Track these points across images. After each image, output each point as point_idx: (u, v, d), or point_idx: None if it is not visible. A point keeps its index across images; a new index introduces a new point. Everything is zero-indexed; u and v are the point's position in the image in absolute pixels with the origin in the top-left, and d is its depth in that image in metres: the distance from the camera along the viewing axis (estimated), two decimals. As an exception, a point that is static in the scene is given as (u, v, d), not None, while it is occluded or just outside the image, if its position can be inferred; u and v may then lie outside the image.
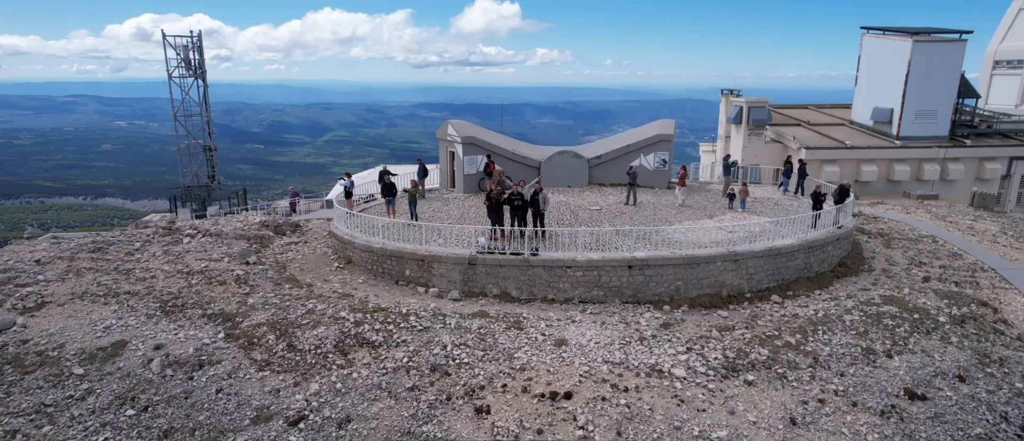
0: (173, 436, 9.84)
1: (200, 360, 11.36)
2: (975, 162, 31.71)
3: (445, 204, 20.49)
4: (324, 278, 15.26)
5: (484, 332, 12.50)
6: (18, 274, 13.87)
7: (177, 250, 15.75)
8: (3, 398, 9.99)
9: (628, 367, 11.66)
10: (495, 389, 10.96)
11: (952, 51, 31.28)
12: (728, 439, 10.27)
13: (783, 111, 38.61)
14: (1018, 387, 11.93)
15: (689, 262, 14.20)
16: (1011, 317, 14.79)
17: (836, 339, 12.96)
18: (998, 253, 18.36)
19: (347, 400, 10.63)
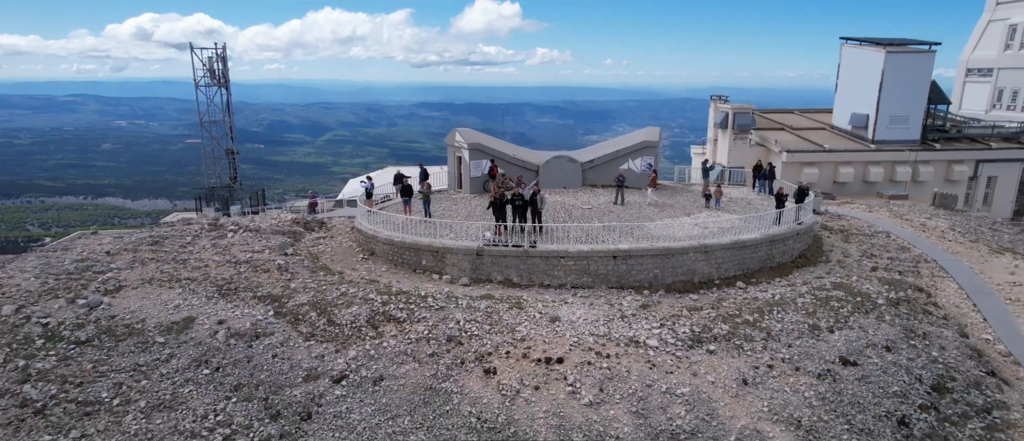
0: (241, 390, 12.24)
1: (256, 332, 13.75)
2: (944, 165, 34.13)
3: (453, 203, 22.88)
4: (352, 267, 17.67)
5: (490, 311, 14.90)
6: (94, 263, 16.28)
7: (223, 243, 18.14)
8: (106, 359, 12.39)
9: (610, 339, 14.05)
10: (500, 355, 13.36)
11: (922, 61, 33.70)
12: (690, 395, 12.68)
13: (768, 116, 41.04)
14: (933, 355, 14.32)
15: (665, 253, 16.60)
16: (941, 300, 17.20)
17: (788, 318, 15.35)
18: (943, 247, 20.77)
19: (379, 363, 13.02)
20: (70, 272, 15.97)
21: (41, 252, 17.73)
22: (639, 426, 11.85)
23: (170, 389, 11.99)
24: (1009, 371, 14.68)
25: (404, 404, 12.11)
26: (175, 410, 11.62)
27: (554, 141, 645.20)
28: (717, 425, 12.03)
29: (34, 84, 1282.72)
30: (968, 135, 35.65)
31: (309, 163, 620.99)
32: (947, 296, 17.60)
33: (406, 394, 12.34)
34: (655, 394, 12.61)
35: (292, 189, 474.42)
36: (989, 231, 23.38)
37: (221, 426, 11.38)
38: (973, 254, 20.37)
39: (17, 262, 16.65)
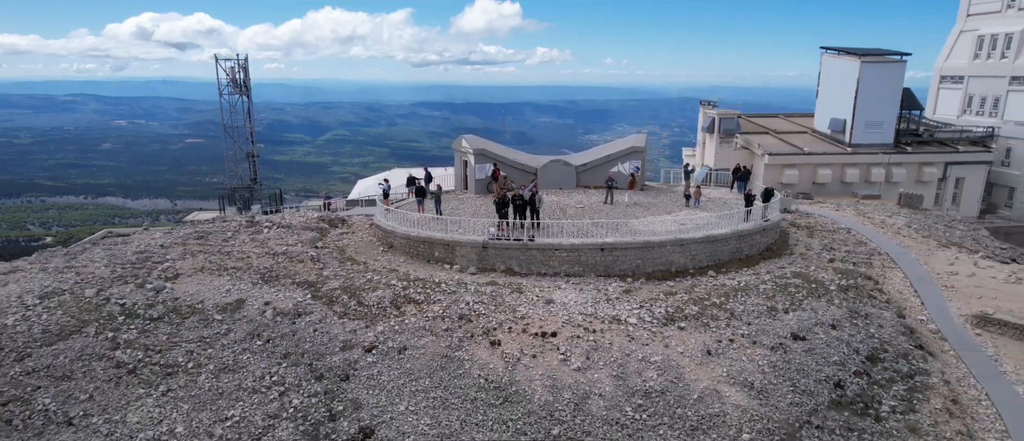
0: (290, 357, 14.82)
1: (297, 311, 16.33)
2: (915, 167, 36.68)
3: (461, 203, 25.45)
4: (374, 258, 20.25)
5: (495, 294, 17.48)
6: (152, 254, 18.86)
7: (260, 238, 20.70)
8: (177, 332, 14.98)
9: (597, 317, 16.64)
10: (503, 330, 15.94)
11: (894, 70, 36.26)
12: (662, 362, 15.27)
13: (754, 120, 43.61)
14: (871, 332, 16.90)
15: (646, 246, 19.17)
16: (887, 287, 19.78)
17: (750, 301, 17.93)
18: (897, 242, 23.36)
19: (403, 336, 15.61)
20: (133, 262, 18.55)
21: (105, 244, 20.28)
22: (618, 386, 14.43)
23: (232, 356, 14.56)
24: (936, 346, 17.27)
25: (424, 369, 14.68)
26: (238, 372, 14.20)
27: (554, 140, 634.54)
28: (683, 386, 14.61)
29: (34, 83, 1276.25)
30: (938, 139, 38.23)
31: (309, 162, 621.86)
32: (893, 284, 20.18)
33: (426, 361, 14.91)
34: (632, 361, 15.19)
35: (292, 189, 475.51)
36: (943, 228, 25.97)
37: (276, 385, 13.97)
38: (922, 248, 22.96)
39: (86, 254, 19.22)
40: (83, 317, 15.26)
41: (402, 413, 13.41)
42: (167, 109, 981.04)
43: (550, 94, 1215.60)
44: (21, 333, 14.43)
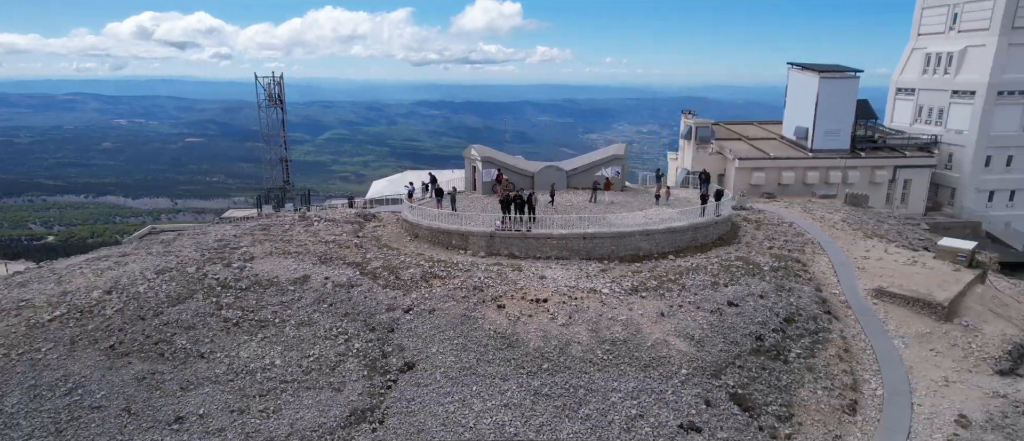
0: (348, 316, 19.96)
1: (350, 284, 21.47)
2: (868, 170, 41.80)
3: (471, 201, 30.59)
4: (404, 246, 25.41)
5: (500, 272, 22.62)
6: (229, 242, 24.01)
7: (312, 229, 25.85)
8: (262, 298, 20.12)
9: (578, 289, 21.78)
10: (507, 298, 21.07)
11: (849, 85, 41.40)
12: (626, 321, 20.39)
13: (729, 127, 48.75)
14: (791, 301, 22.03)
15: (619, 236, 24.31)
16: (812, 269, 24.93)
17: (698, 278, 23.06)
18: (829, 234, 28.51)
19: (432, 301, 20.75)
20: (214, 247, 23.70)
21: (190, 233, 25.42)
22: (592, 336, 19.57)
23: (306, 314, 19.71)
24: (841, 312, 22.42)
25: (449, 324, 19.83)
26: (312, 326, 19.35)
27: (554, 139, 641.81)
28: (640, 337, 19.75)
29: (33, 82, 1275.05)
30: (889, 145, 43.36)
31: (309, 161, 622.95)
32: (818, 266, 25.33)
33: (450, 319, 20.05)
34: (603, 320, 20.33)
35: (293, 187, 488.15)
36: (874, 223, 31.13)
37: (341, 334, 19.12)
38: (849, 238, 28.12)
39: (177, 241, 24.38)
40: (191, 287, 20.41)
41: (434, 353, 18.55)
42: (167, 108, 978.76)
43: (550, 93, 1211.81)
44: (152, 297, 19.58)
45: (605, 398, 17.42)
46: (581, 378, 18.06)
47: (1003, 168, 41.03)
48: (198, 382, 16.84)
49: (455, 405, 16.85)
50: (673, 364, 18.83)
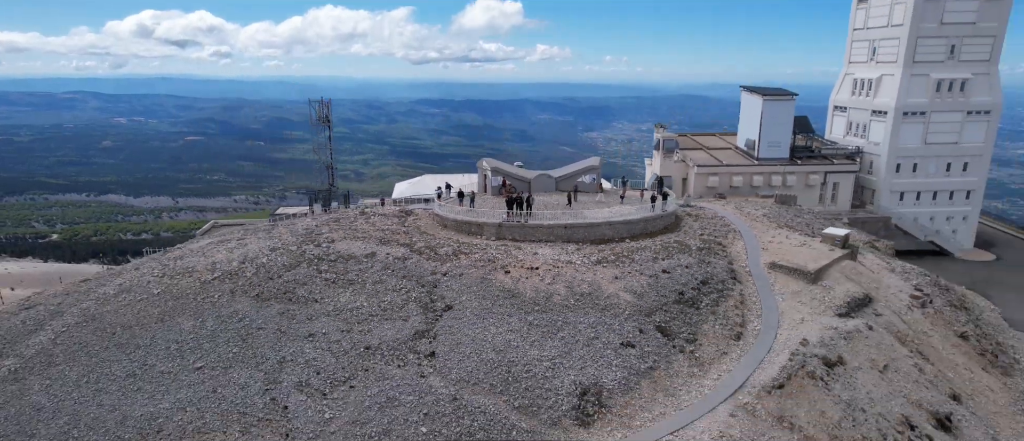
0: (406, 277, 30.02)
1: (404, 257, 31.54)
2: (804, 175, 51.82)
3: (483, 201, 40.70)
4: (436, 232, 35.51)
5: (506, 249, 32.71)
6: (313, 230, 34.12)
7: (370, 221, 35.94)
8: (345, 266, 30.19)
9: (560, 261, 31.87)
10: (511, 266, 31.16)
11: (787, 106, 51.44)
12: (590, 281, 30.46)
13: (695, 138, 58.86)
14: (709, 270, 32.06)
15: (590, 225, 34.39)
16: (729, 249, 35.00)
17: (644, 254, 33.13)
18: (749, 225, 38.58)
19: (460, 268, 30.83)
20: (304, 234, 33.77)
21: (284, 224, 35.46)
22: (568, 290, 29.63)
23: (377, 276, 29.78)
24: (744, 278, 32.49)
25: (473, 283, 29.87)
26: (382, 283, 29.42)
27: (553, 137, 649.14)
28: (599, 291, 29.80)
29: (33, 81, 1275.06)
30: (823, 154, 53.46)
31: (309, 160, 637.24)
32: (735, 247, 35.41)
33: (473, 279, 30.11)
34: (576, 280, 30.39)
35: (293, 186, 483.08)
36: (789, 217, 41.20)
37: (403, 289, 29.17)
38: (764, 228, 38.20)
39: (276, 229, 34.41)
40: (297, 259, 30.49)
41: (464, 300, 28.61)
42: (166, 106, 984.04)
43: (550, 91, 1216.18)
44: (272, 265, 29.67)
45: (574, 327, 27.48)
46: (559, 316, 28.13)
47: (910, 174, 51.15)
48: (317, 315, 26.91)
49: (478, 330, 26.90)
50: (620, 308, 28.89)
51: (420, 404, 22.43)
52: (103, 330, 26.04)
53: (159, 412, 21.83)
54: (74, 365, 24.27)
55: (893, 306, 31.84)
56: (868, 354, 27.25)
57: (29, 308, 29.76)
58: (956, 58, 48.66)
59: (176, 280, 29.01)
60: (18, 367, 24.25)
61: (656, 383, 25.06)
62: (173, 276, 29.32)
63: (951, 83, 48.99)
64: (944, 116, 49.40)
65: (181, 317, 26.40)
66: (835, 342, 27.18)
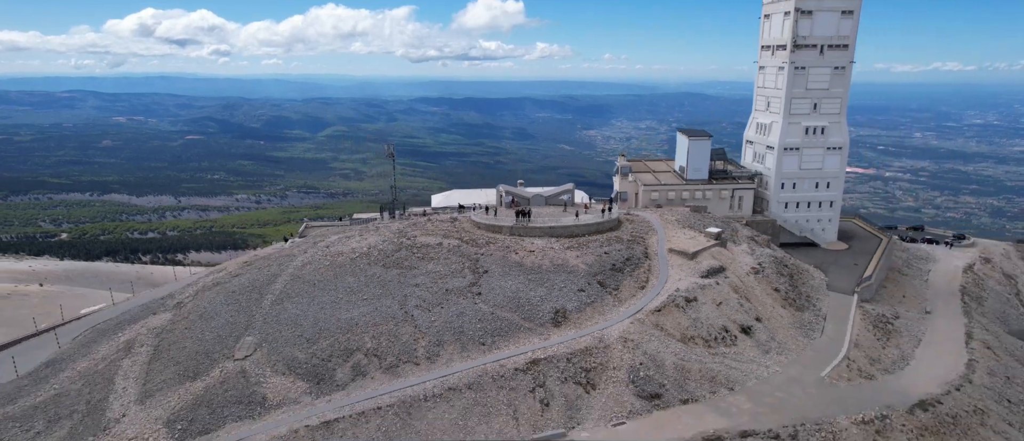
0: (461, 257, 55.59)
1: (458, 245, 57.14)
2: (717, 191, 77.13)
3: (501, 213, 66.23)
4: (474, 231, 60.93)
5: (516, 241, 58.28)
6: (402, 229, 59.71)
7: (433, 223, 61.27)
8: (426, 250, 55.74)
9: (547, 248, 57.41)
10: (518, 250, 56.64)
11: (705, 143, 76.65)
12: (563, 258, 56.06)
13: (646, 162, 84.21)
14: (632, 253, 57.47)
15: (565, 227, 59.74)
16: (647, 241, 60.56)
17: (596, 243, 58.60)
18: (663, 225, 64.13)
19: (490, 251, 56.24)
20: (396, 231, 59.32)
21: (380, 225, 60.94)
22: (550, 263, 54.99)
23: (445, 254, 55.15)
24: (653, 257, 58.06)
25: (497, 259, 55.25)
26: (449, 258, 54.76)
27: (553, 136, 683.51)
28: (568, 263, 55.24)
29: (32, 80, 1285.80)
30: (733, 175, 78.83)
31: (309, 159, 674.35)
32: (651, 240, 60.96)
33: (497, 257, 55.49)
34: (555, 258, 55.76)
35: (294, 185, 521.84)
36: (694, 220, 66.68)
37: (460, 262, 54.67)
38: (673, 229, 63.70)
39: (371, 224, 59.93)
40: (397, 246, 55.95)
41: (493, 268, 53.87)
42: (165, 105, 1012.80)
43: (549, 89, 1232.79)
44: (384, 249, 55.18)
45: (552, 281, 52.86)
46: (545, 275, 53.55)
47: (791, 190, 76.53)
48: (417, 275, 52.32)
49: (501, 282, 52.08)
50: (578, 272, 54.37)
51: (474, 315, 47.92)
52: (307, 282, 51.53)
53: (352, 317, 47.24)
54: (301, 298, 49.72)
55: (737, 273, 57.38)
56: (712, 296, 52.84)
57: (238, 275, 55.23)
58: (818, 111, 74.05)
59: (335, 258, 54.50)
60: (273, 299, 49.78)
61: (594, 309, 50.61)
62: (332, 256, 54.84)
63: (815, 128, 74.46)
64: (811, 151, 74.84)
65: (346, 276, 51.91)
66: (694, 290, 52.74)
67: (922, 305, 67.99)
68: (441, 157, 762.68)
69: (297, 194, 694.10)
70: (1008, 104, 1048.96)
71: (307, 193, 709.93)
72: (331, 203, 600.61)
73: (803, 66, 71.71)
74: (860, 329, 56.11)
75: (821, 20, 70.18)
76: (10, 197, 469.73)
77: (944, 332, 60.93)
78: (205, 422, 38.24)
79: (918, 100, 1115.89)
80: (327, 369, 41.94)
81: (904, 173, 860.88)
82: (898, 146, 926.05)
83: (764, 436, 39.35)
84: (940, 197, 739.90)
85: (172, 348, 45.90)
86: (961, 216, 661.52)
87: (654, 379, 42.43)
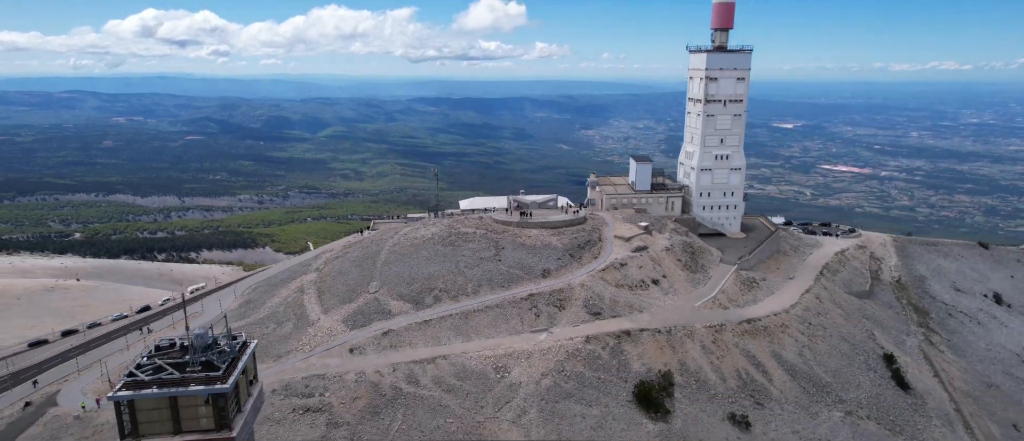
0: (488, 239, 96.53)
1: (486, 233, 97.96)
2: (656, 198, 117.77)
3: (511, 214, 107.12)
4: (494, 225, 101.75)
5: (520, 231, 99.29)
6: (451, 224, 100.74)
7: (467, 220, 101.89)
8: (468, 236, 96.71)
9: (539, 235, 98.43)
10: (521, 236, 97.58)
11: (648, 165, 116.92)
12: (547, 240, 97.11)
13: (610, 178, 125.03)
14: (590, 237, 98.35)
15: (551, 221, 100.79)
16: (602, 230, 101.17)
17: (569, 231, 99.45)
18: (614, 222, 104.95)
19: (505, 237, 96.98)
20: (447, 225, 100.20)
21: (434, 220, 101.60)
22: (541, 243, 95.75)
23: (479, 239, 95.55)
24: (604, 240, 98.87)
25: (509, 241, 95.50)
26: (482, 241, 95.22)
27: (551, 135, 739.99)
28: (551, 244, 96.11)
29: (30, 80, 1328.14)
30: (668, 187, 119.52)
31: (309, 159, 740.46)
32: (604, 230, 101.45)
33: (509, 240, 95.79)
34: (543, 240, 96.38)
35: (295, 185, 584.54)
36: (636, 218, 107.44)
37: (489, 243, 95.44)
38: (620, 224, 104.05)
39: (422, 221, 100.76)
40: (449, 233, 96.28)
41: (506, 246, 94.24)
42: (165, 105, 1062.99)
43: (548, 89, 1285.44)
44: (444, 236, 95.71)
45: (542, 253, 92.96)
46: (538, 250, 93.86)
47: (706, 198, 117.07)
48: (462, 249, 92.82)
49: (512, 254, 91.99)
50: (557, 248, 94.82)
51: (497, 271, 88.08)
52: (399, 254, 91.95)
53: (430, 272, 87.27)
54: (398, 262, 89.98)
55: (655, 250, 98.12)
56: (636, 263, 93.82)
57: (347, 253, 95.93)
58: (723, 144, 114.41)
59: (413, 241, 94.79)
60: (382, 263, 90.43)
61: (566, 269, 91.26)
62: (411, 239, 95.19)
63: (722, 156, 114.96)
64: (720, 171, 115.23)
65: (421, 250, 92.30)
66: (625, 259, 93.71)
67: (789, 273, 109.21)
68: (440, 157, 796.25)
69: (299, 194, 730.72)
70: (1004, 103, 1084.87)
71: (309, 193, 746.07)
72: (333, 203, 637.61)
73: (712, 114, 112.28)
74: (730, 284, 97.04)
75: (723, 84, 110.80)
76: (18, 198, 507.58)
77: (793, 288, 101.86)
78: (362, 321, 78.78)
79: (916, 99, 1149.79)
80: (420, 297, 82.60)
81: (900, 172, 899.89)
82: (895, 145, 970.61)
83: (652, 331, 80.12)
84: (935, 196, 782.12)
85: (329, 289, 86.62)
86: (955, 215, 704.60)
87: (597, 305, 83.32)
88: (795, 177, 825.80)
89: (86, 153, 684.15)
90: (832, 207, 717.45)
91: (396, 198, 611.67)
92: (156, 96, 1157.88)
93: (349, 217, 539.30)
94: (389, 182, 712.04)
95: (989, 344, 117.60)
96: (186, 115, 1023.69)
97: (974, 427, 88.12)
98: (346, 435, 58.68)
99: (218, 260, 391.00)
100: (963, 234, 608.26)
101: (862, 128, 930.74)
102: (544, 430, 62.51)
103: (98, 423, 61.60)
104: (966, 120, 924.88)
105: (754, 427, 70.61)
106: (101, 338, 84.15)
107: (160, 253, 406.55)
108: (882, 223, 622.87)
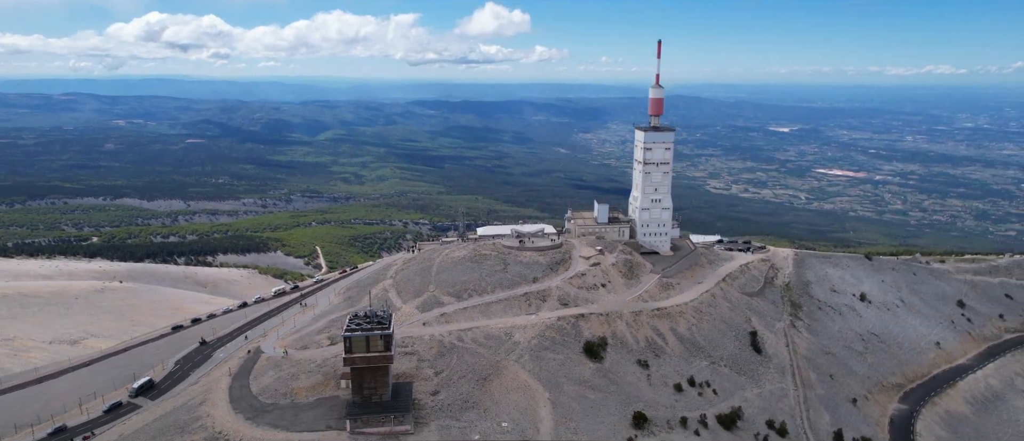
0: (500, 257, 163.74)
1: (499, 253, 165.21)
2: (615, 226, 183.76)
3: (513, 239, 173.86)
4: (502, 248, 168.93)
5: (519, 251, 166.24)
6: (476, 247, 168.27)
7: (484, 244, 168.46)
8: (488, 254, 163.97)
9: (531, 255, 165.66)
10: (521, 256, 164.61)
11: (605, 206, 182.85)
12: (536, 259, 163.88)
13: (581, 214, 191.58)
14: (562, 257, 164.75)
15: (539, 248, 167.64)
16: (571, 252, 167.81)
17: (550, 252, 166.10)
18: (581, 245, 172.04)
19: (510, 256, 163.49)
20: (473, 246, 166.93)
21: (455, 243, 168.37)
22: (533, 261, 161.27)
23: (495, 257, 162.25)
24: (573, 258, 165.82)
25: (512, 259, 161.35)
26: (496, 259, 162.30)
27: (549, 139, 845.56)
28: (538, 261, 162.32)
29: (29, 82, 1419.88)
30: (619, 220, 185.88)
31: (309, 162, 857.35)
32: (574, 252, 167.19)
33: (513, 258, 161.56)
34: (534, 260, 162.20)
35: (297, 189, 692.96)
36: (597, 241, 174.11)
37: (500, 259, 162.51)
38: (584, 247, 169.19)
39: (454, 243, 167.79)
40: (483, 254, 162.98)
41: (511, 262, 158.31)
42: (165, 108, 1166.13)
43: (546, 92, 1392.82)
44: (474, 255, 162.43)
45: (534, 267, 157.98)
46: (531, 266, 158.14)
47: (646, 228, 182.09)
48: (483, 265, 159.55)
49: (516, 266, 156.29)
50: (542, 264, 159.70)
51: (505, 277, 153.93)
52: (445, 267, 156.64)
53: (465, 279, 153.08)
54: (446, 272, 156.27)
55: (605, 265, 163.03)
56: (593, 274, 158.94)
57: (409, 265, 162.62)
58: (657, 192, 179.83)
59: (453, 258, 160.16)
60: (436, 272, 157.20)
61: (547, 278, 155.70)
62: (452, 257, 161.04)
63: (656, 199, 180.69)
64: (655, 210, 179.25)
65: (459, 265, 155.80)
66: (585, 271, 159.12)
67: (699, 279, 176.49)
68: (440, 160, 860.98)
69: (301, 198, 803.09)
70: (999, 107, 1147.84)
71: (311, 197, 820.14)
72: (335, 207, 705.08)
73: (649, 172, 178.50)
74: (653, 287, 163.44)
75: (656, 151, 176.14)
76: (28, 201, 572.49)
77: (699, 289, 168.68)
78: (427, 307, 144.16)
79: (911, 103, 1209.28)
80: (460, 294, 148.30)
81: (894, 176, 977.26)
82: (890, 149, 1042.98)
83: (597, 314, 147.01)
84: (927, 200, 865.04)
85: (404, 289, 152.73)
86: (946, 219, 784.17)
87: (566, 299, 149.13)
88: (790, 181, 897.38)
89: (88, 156, 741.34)
90: (826, 211, 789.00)
91: (397, 202, 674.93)
92: (155, 98, 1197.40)
93: (352, 222, 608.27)
94: (390, 186, 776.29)
95: (841, 328, 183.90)
96: (186, 118, 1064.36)
97: (797, 375, 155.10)
98: (429, 364, 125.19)
99: (233, 263, 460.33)
100: (953, 238, 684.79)
101: (858, 132, 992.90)
102: (533, 366, 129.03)
103: (296, 360, 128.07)
104: (961, 124, 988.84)
105: (651, 368, 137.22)
106: (261, 316, 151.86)
107: (179, 257, 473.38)
108: (875, 227, 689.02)
